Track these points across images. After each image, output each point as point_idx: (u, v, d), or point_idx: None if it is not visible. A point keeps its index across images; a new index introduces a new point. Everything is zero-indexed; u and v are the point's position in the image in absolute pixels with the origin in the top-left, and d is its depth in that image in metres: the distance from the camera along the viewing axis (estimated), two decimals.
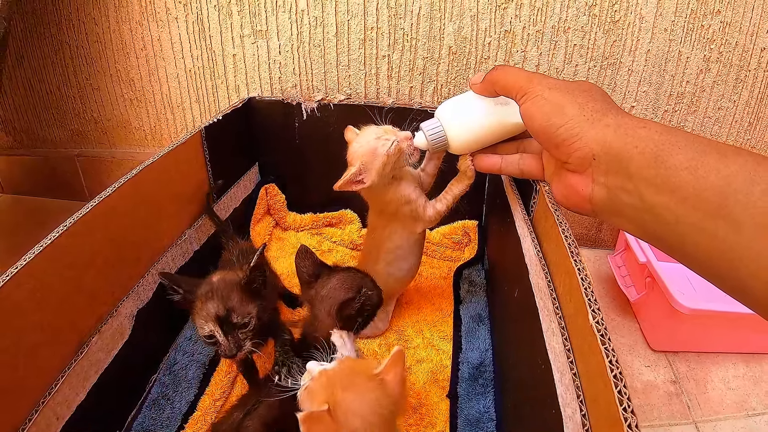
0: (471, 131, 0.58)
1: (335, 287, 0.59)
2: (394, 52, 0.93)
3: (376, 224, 0.74)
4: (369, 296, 0.59)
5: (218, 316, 0.56)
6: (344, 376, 0.45)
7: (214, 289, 0.57)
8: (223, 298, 0.56)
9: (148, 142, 1.15)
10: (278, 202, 1.02)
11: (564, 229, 0.46)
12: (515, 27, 0.88)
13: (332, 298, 0.58)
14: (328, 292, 0.59)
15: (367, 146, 0.63)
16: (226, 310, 0.56)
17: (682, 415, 0.71)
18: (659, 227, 0.36)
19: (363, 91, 0.98)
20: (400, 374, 0.46)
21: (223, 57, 1.00)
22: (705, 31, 0.83)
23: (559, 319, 0.43)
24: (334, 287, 0.59)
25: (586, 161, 0.41)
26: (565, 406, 0.39)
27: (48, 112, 1.17)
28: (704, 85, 0.88)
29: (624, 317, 0.88)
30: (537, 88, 0.45)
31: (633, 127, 0.39)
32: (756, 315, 0.32)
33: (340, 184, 0.63)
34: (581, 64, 0.89)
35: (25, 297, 0.47)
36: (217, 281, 0.58)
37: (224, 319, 0.56)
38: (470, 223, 0.96)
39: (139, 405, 0.66)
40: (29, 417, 0.48)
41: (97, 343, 0.57)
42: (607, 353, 0.32)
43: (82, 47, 1.06)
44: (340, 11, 0.91)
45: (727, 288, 0.33)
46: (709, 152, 0.34)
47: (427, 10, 0.89)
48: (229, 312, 0.56)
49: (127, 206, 0.61)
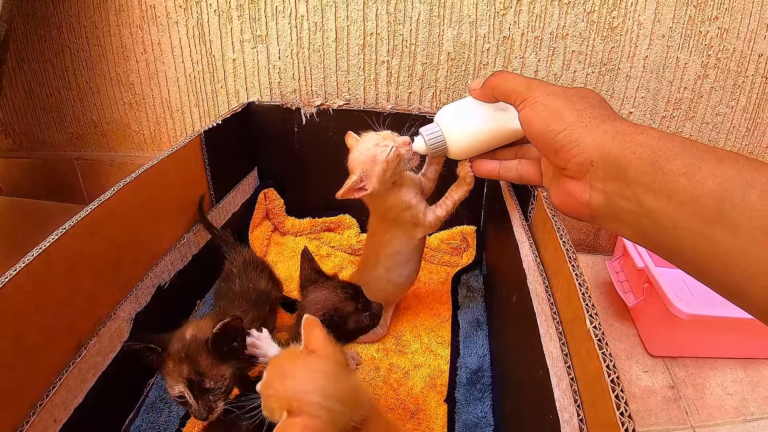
0: (470, 136, 0.58)
1: (310, 302, 0.60)
2: (393, 57, 0.94)
3: (376, 229, 0.74)
4: (339, 321, 0.58)
5: (189, 379, 0.50)
6: (277, 373, 0.44)
7: (186, 349, 0.51)
8: (193, 361, 0.51)
9: (148, 146, 1.15)
10: (277, 207, 1.02)
11: (562, 234, 0.46)
12: (514, 33, 0.88)
13: (305, 310, 0.58)
14: (305, 303, 0.60)
15: (366, 153, 0.63)
16: (198, 373, 0.50)
17: (680, 421, 0.71)
18: (657, 232, 0.37)
19: (362, 96, 0.98)
20: (320, 337, 0.46)
21: (222, 61, 1.01)
22: (703, 37, 0.84)
23: (557, 324, 0.43)
24: (310, 301, 0.60)
25: (584, 167, 0.42)
26: (562, 410, 0.39)
27: (48, 115, 1.18)
28: (702, 91, 0.88)
29: (622, 323, 0.88)
30: (535, 94, 0.45)
31: (631, 133, 0.39)
32: (754, 320, 0.32)
33: (342, 193, 0.63)
34: (579, 70, 0.89)
35: (24, 299, 0.47)
36: (189, 339, 0.52)
37: (195, 384, 0.51)
38: (468, 229, 0.96)
39: (137, 408, 0.66)
40: (27, 419, 0.48)
41: (95, 346, 0.57)
42: (604, 358, 0.33)
43: (83, 50, 1.06)
44: (339, 17, 0.92)
45: (725, 292, 0.33)
46: (707, 158, 0.34)
47: (426, 17, 0.89)
48: (201, 376, 0.51)
49: (126, 209, 0.61)
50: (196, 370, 0.50)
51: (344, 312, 0.59)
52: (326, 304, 0.59)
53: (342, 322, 0.58)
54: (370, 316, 0.61)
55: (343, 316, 0.59)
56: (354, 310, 0.60)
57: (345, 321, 0.59)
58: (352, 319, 0.59)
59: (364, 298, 0.61)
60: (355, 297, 0.60)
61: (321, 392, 0.41)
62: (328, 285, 0.62)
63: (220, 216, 0.85)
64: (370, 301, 0.61)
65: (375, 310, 0.61)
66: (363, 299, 0.61)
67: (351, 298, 0.60)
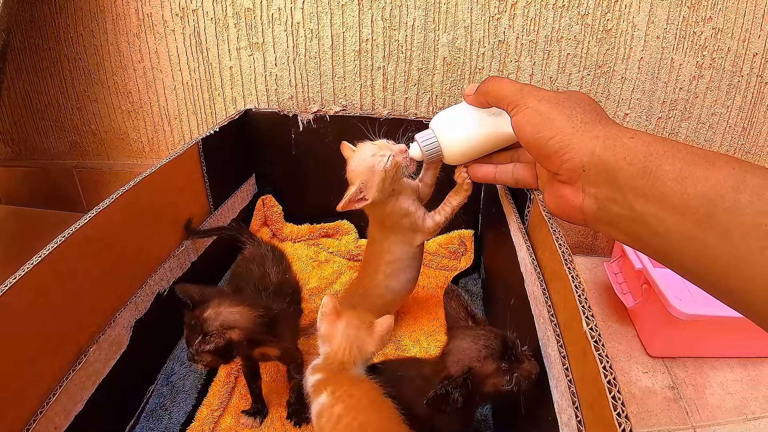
0: (464, 142, 0.59)
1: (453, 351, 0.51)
2: (389, 63, 0.94)
3: (375, 237, 0.74)
4: (474, 383, 0.48)
5: (188, 324, 0.54)
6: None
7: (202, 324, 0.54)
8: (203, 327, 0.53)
9: (146, 154, 1.16)
10: (275, 213, 1.03)
11: (558, 237, 0.46)
12: (509, 37, 0.89)
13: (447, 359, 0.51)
14: (448, 351, 0.52)
15: (364, 164, 0.64)
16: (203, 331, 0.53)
17: (680, 421, 0.71)
18: (650, 236, 0.37)
19: (359, 102, 0.98)
20: (386, 327, 0.56)
21: (220, 69, 1.01)
22: (697, 37, 0.84)
23: (555, 327, 0.43)
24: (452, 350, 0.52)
25: (575, 173, 0.42)
26: (561, 412, 0.39)
27: (46, 123, 1.18)
28: (697, 91, 0.89)
29: (621, 324, 0.88)
30: (527, 99, 0.46)
31: (621, 138, 0.39)
32: None
33: (343, 205, 0.63)
34: (575, 73, 0.90)
35: (24, 307, 0.47)
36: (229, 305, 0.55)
37: (192, 326, 0.54)
38: (466, 233, 0.96)
39: (138, 415, 0.66)
40: (27, 426, 0.48)
41: (95, 354, 0.57)
42: (600, 359, 0.33)
43: (81, 59, 1.07)
44: (335, 24, 0.92)
45: (719, 295, 0.34)
46: (697, 161, 0.34)
47: (421, 22, 0.90)
48: (199, 323, 0.54)
49: (125, 217, 0.61)
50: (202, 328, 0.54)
51: (482, 373, 0.49)
52: (462, 357, 0.50)
53: (478, 384, 0.48)
54: (516, 379, 0.47)
55: (481, 376, 0.48)
56: (495, 370, 0.48)
57: (482, 383, 0.48)
58: (491, 381, 0.48)
59: (515, 350, 0.49)
60: (502, 351, 0.49)
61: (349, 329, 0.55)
62: (471, 334, 0.52)
63: (218, 223, 0.85)
64: (524, 357, 0.48)
65: (526, 371, 0.47)
66: (513, 353, 0.48)
67: (493, 355, 0.49)
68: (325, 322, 0.57)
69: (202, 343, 0.52)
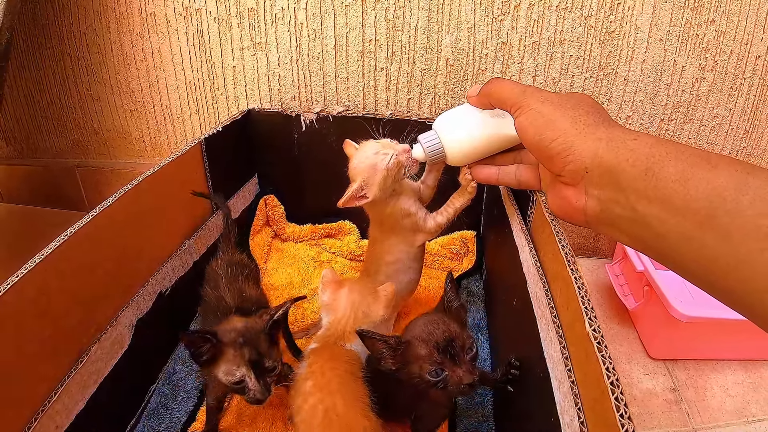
0: (467, 143, 0.59)
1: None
2: (392, 64, 0.94)
3: (376, 238, 0.74)
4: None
5: (251, 360, 0.54)
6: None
7: (245, 335, 0.55)
8: (253, 343, 0.55)
9: (148, 153, 1.16)
10: (277, 213, 1.03)
11: (561, 238, 0.46)
12: (512, 39, 0.89)
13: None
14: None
15: (366, 162, 0.64)
16: (259, 354, 0.55)
17: (681, 423, 0.71)
18: (652, 238, 0.37)
19: (361, 103, 0.98)
20: (390, 290, 0.59)
21: (222, 69, 1.01)
22: (700, 40, 0.84)
23: (557, 328, 0.43)
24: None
25: (578, 174, 0.42)
26: (563, 413, 0.39)
27: (48, 122, 1.18)
28: (700, 93, 0.89)
29: (622, 326, 0.88)
30: (530, 101, 0.46)
31: (624, 139, 0.39)
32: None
33: (344, 201, 0.63)
34: (577, 74, 0.90)
35: (26, 306, 0.47)
36: (243, 327, 0.56)
37: (256, 364, 0.55)
38: (468, 234, 0.96)
39: (139, 414, 0.66)
40: (28, 425, 0.48)
41: (96, 353, 0.57)
42: (603, 360, 0.33)
43: (83, 58, 1.07)
44: (338, 24, 0.92)
45: (720, 296, 0.33)
46: (700, 163, 0.34)
47: (424, 23, 0.90)
48: (261, 356, 0.55)
49: (127, 217, 0.61)
50: (257, 351, 0.55)
51: (414, 352, 0.52)
52: (410, 330, 0.54)
53: (408, 359, 0.52)
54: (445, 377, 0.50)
55: (413, 353, 0.52)
56: (425, 355, 0.51)
57: (412, 360, 0.52)
58: (418, 363, 0.51)
59: (458, 352, 0.50)
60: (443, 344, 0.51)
61: (351, 295, 0.59)
62: (431, 318, 0.55)
63: (221, 222, 0.85)
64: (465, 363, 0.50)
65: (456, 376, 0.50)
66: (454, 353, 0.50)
67: (430, 343, 0.51)
68: (328, 290, 0.56)
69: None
